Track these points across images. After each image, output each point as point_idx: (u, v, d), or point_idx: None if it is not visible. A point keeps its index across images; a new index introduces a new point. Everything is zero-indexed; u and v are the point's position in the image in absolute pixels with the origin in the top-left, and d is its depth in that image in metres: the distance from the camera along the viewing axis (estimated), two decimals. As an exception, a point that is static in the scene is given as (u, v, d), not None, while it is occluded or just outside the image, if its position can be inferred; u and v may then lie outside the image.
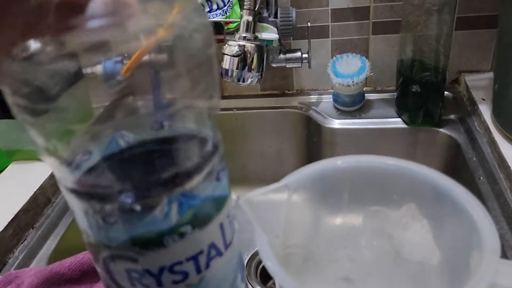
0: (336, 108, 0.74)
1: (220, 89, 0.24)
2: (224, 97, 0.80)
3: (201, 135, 0.22)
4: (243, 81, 0.50)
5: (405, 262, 0.31)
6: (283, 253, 0.29)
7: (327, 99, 0.76)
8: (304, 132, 0.77)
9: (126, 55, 0.20)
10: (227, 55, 0.49)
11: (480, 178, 0.58)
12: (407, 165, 0.28)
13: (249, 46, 0.48)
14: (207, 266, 0.23)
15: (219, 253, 0.23)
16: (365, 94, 0.74)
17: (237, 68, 0.49)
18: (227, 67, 0.49)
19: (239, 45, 0.48)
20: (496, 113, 0.60)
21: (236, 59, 0.48)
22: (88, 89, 0.20)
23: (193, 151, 0.22)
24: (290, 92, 0.79)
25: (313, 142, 0.76)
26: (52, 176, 0.60)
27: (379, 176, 0.29)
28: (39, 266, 0.45)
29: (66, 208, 0.58)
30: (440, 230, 0.28)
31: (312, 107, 0.75)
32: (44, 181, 0.58)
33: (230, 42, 0.49)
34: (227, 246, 0.24)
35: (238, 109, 0.78)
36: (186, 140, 0.22)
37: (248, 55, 0.48)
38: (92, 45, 0.20)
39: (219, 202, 0.23)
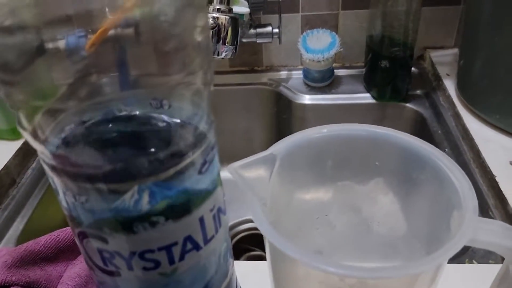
0: (306, 84, 0.74)
1: (212, 67, 0.22)
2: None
3: (183, 123, 0.20)
4: (217, 55, 0.49)
5: (374, 234, 0.32)
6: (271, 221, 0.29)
7: (297, 75, 0.76)
8: (273, 108, 0.77)
9: (90, 30, 0.19)
10: (200, 27, 0.47)
11: (445, 150, 0.60)
12: (390, 132, 0.29)
13: (223, 18, 0.47)
14: (182, 258, 0.21)
15: (197, 247, 0.22)
16: (335, 70, 0.75)
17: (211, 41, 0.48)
18: (200, 40, 0.48)
19: (213, 17, 0.47)
20: (461, 88, 0.62)
21: (210, 32, 0.47)
22: (51, 64, 0.19)
23: (171, 139, 0.20)
24: (259, 69, 0.78)
25: (283, 119, 0.76)
26: (16, 156, 0.57)
27: (363, 143, 0.29)
28: (7, 247, 0.43)
29: (32, 189, 0.56)
30: (418, 196, 0.29)
31: (282, 83, 0.75)
32: (8, 161, 0.55)
33: (203, 14, 0.47)
34: (207, 240, 0.22)
35: (207, 85, 0.77)
36: (162, 126, 0.20)
37: (223, 28, 0.47)
38: (55, 19, 0.18)
39: (201, 195, 0.21)
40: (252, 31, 0.68)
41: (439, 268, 0.24)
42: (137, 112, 0.20)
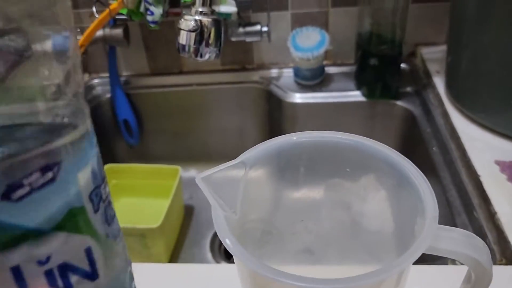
0: (296, 82, 0.74)
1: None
2: (183, 73, 0.79)
3: None
4: (201, 57, 0.49)
5: (364, 232, 0.32)
6: (242, 229, 0.30)
7: (288, 73, 0.76)
8: (265, 107, 0.77)
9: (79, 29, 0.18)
10: (183, 30, 0.48)
11: (433, 149, 0.60)
12: (358, 139, 0.29)
13: (206, 20, 0.47)
14: None
15: None
16: (325, 68, 0.75)
17: (194, 44, 0.48)
18: (183, 43, 0.48)
19: (196, 20, 0.47)
20: (449, 85, 0.62)
21: (193, 34, 0.47)
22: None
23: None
24: (250, 67, 0.78)
25: (275, 117, 0.76)
26: None
27: (332, 150, 0.29)
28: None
29: None
30: (394, 200, 0.29)
31: (273, 81, 0.75)
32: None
33: (186, 17, 0.47)
34: None
35: (198, 84, 0.77)
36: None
37: (205, 30, 0.48)
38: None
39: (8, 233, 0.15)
40: (241, 30, 0.68)
41: (402, 273, 0.24)
42: None
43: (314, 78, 0.73)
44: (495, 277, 0.39)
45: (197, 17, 0.47)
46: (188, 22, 0.47)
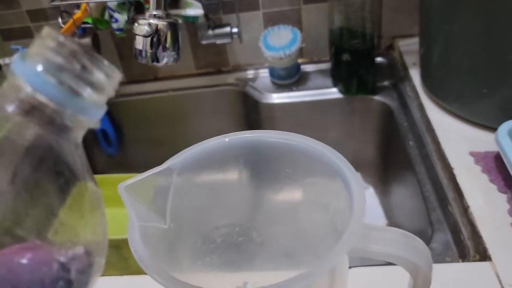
0: (272, 82, 0.73)
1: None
2: (158, 79, 0.78)
3: None
4: (158, 61, 0.48)
5: (308, 235, 0.31)
6: (178, 239, 0.28)
7: (264, 73, 0.75)
8: (242, 109, 0.76)
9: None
10: (138, 35, 0.46)
11: (410, 143, 0.58)
12: (294, 138, 0.27)
13: (161, 24, 0.46)
14: None
15: None
16: (301, 66, 0.73)
17: (150, 49, 0.47)
18: (140, 48, 0.47)
19: (149, 24, 0.45)
20: (423, 77, 0.60)
21: (148, 39, 0.46)
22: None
23: None
24: (226, 69, 0.77)
25: (252, 119, 0.75)
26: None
27: (268, 151, 0.28)
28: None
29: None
30: (330, 200, 0.27)
31: (249, 83, 0.74)
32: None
33: (140, 21, 0.46)
34: None
35: (173, 90, 0.76)
36: None
37: (161, 34, 0.46)
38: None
39: None
40: (210, 32, 0.67)
41: (333, 272, 0.22)
42: None
43: (289, 77, 0.71)
44: (468, 274, 0.37)
45: (151, 21, 0.46)
46: (142, 26, 0.46)
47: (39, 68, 0.15)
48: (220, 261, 0.30)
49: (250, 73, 0.76)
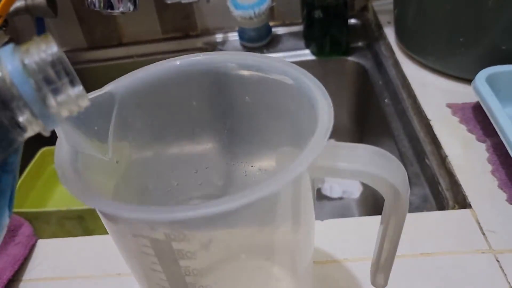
0: (242, 45, 0.69)
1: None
2: (123, 45, 0.73)
3: None
4: (112, 8, 0.44)
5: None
6: (123, 175, 0.25)
7: (234, 37, 0.71)
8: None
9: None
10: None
11: (385, 100, 0.56)
12: (249, 57, 0.24)
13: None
14: None
15: None
16: (273, 29, 0.70)
17: (104, -6, 0.43)
18: (92, -6, 0.43)
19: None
20: (398, 32, 0.57)
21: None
22: None
23: None
24: (194, 34, 0.73)
25: (223, 83, 0.71)
26: None
27: (224, 75, 0.25)
28: None
29: None
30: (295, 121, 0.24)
31: (218, 47, 0.70)
32: None
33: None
34: None
35: (138, 56, 0.72)
36: None
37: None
38: None
39: None
40: (175, -10, 0.62)
41: (298, 186, 0.19)
42: None
43: (260, 39, 0.68)
44: (449, 222, 0.35)
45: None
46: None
47: (24, 64, 0.16)
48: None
49: (219, 37, 0.72)
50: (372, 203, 0.59)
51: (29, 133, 0.17)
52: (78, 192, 0.17)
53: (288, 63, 0.23)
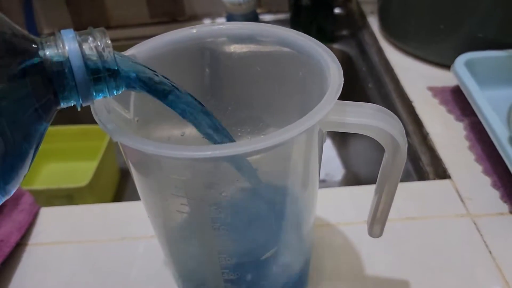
0: (230, 31, 0.71)
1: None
2: (110, 28, 0.74)
3: None
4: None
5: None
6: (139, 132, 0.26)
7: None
8: (199, 61, 0.73)
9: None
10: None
11: (369, 85, 0.58)
12: (258, 27, 0.26)
13: None
14: None
15: None
16: (260, 16, 0.72)
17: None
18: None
19: None
20: (382, 20, 0.60)
21: None
22: None
23: None
24: (181, 19, 0.74)
25: (212, 69, 0.73)
26: None
27: (239, 43, 0.27)
28: None
29: None
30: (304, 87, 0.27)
31: (206, 32, 0.72)
32: None
33: None
34: None
35: (126, 39, 0.72)
36: None
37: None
38: None
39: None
40: (166, -26, 0.63)
41: (311, 137, 0.22)
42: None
43: (248, 26, 0.69)
44: (430, 191, 0.38)
45: None
46: None
47: (84, 48, 0.18)
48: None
49: (206, 23, 0.73)
50: (354, 184, 0.62)
51: (64, 106, 0.19)
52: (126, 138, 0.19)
53: (298, 32, 0.25)
